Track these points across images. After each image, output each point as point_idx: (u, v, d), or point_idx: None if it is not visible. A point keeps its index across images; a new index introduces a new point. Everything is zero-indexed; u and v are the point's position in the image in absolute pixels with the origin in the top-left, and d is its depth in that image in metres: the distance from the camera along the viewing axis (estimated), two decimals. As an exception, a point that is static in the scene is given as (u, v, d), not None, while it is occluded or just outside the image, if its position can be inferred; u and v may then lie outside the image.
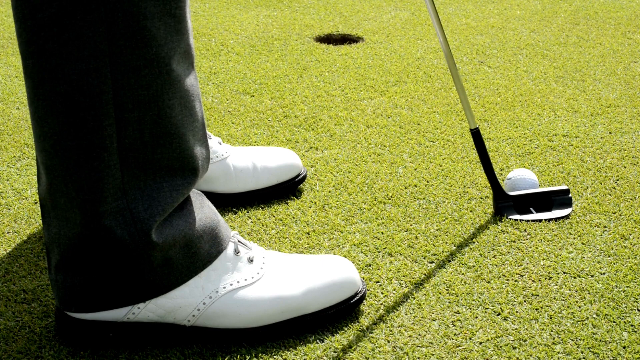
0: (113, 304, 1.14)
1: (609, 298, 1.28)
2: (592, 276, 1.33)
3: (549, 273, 1.34)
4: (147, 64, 1.04)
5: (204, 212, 1.17)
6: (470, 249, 1.41)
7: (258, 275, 1.19)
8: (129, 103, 1.05)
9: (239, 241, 1.21)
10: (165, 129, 1.08)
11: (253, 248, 1.22)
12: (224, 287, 1.16)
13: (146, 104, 1.06)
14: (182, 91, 1.09)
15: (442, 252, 1.40)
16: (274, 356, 1.16)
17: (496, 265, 1.36)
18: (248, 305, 1.16)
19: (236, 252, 1.19)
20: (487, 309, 1.25)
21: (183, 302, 1.14)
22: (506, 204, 1.49)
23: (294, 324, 1.18)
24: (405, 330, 1.21)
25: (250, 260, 1.19)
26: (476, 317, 1.23)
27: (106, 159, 1.06)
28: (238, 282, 1.17)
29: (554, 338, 1.19)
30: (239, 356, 1.15)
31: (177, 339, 1.17)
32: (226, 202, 1.53)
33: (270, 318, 1.17)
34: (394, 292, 1.29)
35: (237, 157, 1.55)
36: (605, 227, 1.48)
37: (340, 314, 1.21)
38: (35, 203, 1.55)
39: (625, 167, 1.70)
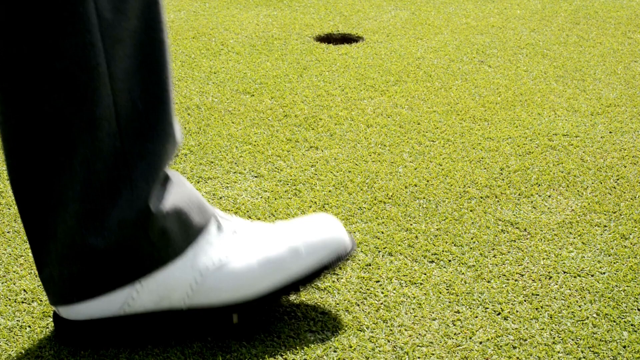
0: (113, 284, 1.14)
1: (609, 297, 1.28)
2: (592, 276, 1.33)
3: (549, 272, 1.34)
4: (130, 35, 1.07)
5: (186, 186, 1.18)
6: (470, 248, 1.41)
7: (243, 245, 1.19)
8: (120, 73, 1.07)
9: (219, 216, 1.21)
10: (154, 95, 1.11)
11: (234, 220, 1.22)
12: (213, 263, 1.16)
13: (133, 73, 1.09)
14: (163, 58, 1.12)
15: (442, 251, 1.40)
16: (274, 356, 1.16)
17: (496, 265, 1.36)
18: (239, 275, 1.16)
19: (219, 226, 1.19)
20: (487, 308, 1.25)
21: (175, 284, 1.14)
22: None
23: (288, 289, 1.18)
24: (406, 330, 1.21)
25: (234, 232, 1.20)
26: (476, 317, 1.23)
27: (107, 128, 1.08)
28: (226, 255, 1.17)
29: (554, 337, 1.19)
30: (239, 355, 1.15)
31: (176, 326, 1.16)
32: None
33: (262, 284, 1.17)
34: (394, 291, 1.29)
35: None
36: (605, 226, 1.48)
37: (331, 273, 1.21)
38: (35, 203, 1.55)
39: (625, 167, 1.70)
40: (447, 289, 1.30)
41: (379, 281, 1.32)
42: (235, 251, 1.18)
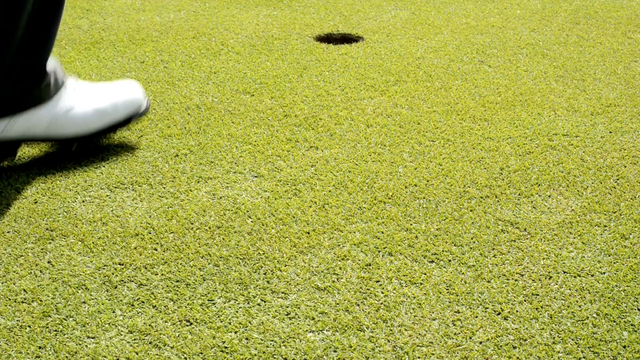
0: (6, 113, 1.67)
1: (609, 297, 1.28)
2: (592, 276, 1.33)
3: (549, 272, 1.34)
4: None
5: (54, 58, 1.75)
6: (470, 248, 1.41)
7: (81, 98, 1.74)
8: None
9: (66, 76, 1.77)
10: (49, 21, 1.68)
11: (72, 79, 1.76)
12: (64, 108, 1.71)
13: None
14: (61, 6, 1.69)
15: (442, 251, 1.40)
16: (274, 356, 1.16)
17: (496, 265, 1.36)
18: (80, 118, 1.73)
19: (68, 84, 1.74)
20: (487, 308, 1.26)
21: (40, 120, 1.68)
22: None
23: (111, 129, 1.76)
24: (406, 330, 1.21)
25: (74, 89, 1.75)
26: (476, 317, 1.23)
27: (29, 9, 1.61)
28: (72, 104, 1.72)
29: (554, 337, 1.19)
30: (239, 356, 1.16)
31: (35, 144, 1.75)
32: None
33: (95, 125, 1.74)
34: (394, 291, 1.29)
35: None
36: (605, 226, 1.48)
37: (136, 121, 1.80)
38: (35, 203, 1.55)
39: (625, 167, 1.70)
40: (447, 289, 1.30)
41: (379, 281, 1.32)
42: (77, 102, 1.73)
